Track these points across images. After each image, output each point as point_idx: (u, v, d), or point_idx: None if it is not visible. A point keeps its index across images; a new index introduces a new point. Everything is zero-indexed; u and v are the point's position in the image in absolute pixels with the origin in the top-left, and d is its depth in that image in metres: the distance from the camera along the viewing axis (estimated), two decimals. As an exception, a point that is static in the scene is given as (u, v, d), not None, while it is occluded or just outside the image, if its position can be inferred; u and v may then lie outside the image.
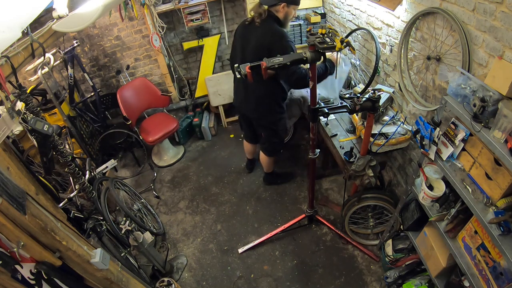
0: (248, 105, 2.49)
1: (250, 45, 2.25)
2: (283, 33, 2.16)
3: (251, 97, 2.41)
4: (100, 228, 1.91)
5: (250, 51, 2.25)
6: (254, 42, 2.22)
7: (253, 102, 2.42)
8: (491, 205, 1.23)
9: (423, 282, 1.93)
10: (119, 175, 3.47)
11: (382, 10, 2.18)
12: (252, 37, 2.24)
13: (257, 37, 2.19)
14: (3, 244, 1.11)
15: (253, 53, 2.20)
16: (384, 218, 2.39)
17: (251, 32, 2.24)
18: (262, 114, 2.47)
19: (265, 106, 2.41)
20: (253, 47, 2.23)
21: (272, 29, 2.17)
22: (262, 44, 2.16)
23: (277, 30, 2.17)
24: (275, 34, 2.15)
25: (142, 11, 3.27)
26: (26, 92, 1.98)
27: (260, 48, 2.16)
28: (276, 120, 2.50)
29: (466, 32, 1.46)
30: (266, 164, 2.94)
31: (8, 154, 1.34)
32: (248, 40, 2.27)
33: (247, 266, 2.48)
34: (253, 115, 2.56)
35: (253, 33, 2.22)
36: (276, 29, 2.17)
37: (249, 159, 3.24)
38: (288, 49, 2.09)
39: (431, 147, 1.47)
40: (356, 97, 1.77)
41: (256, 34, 2.20)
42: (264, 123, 2.55)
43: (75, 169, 1.96)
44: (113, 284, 1.53)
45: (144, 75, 3.94)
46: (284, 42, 2.12)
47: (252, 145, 3.00)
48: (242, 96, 2.48)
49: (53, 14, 1.89)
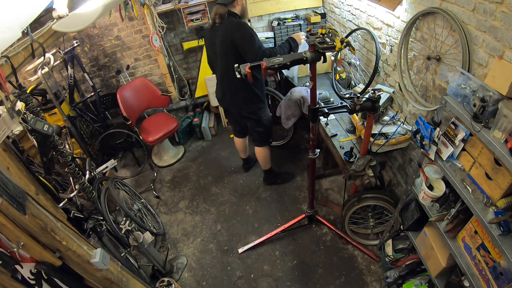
0: (227, 99, 2.61)
1: (217, 44, 2.38)
2: (241, 23, 2.30)
3: (227, 91, 2.55)
4: (100, 228, 1.91)
5: (218, 49, 2.37)
6: (220, 39, 2.34)
7: (230, 95, 2.55)
8: (491, 205, 1.23)
9: (423, 282, 1.93)
10: (119, 175, 3.47)
11: (382, 10, 2.18)
12: (217, 37, 2.37)
13: (221, 34, 2.33)
14: (3, 244, 1.11)
15: (220, 49, 2.35)
16: (384, 218, 2.39)
17: (216, 33, 2.37)
18: (241, 106, 2.57)
19: (242, 98, 2.51)
20: (220, 44, 2.35)
21: (232, 22, 2.30)
22: (225, 38, 2.29)
23: (235, 21, 2.30)
24: (234, 26, 2.28)
25: (142, 11, 3.27)
26: (26, 92, 1.98)
27: (224, 42, 2.30)
28: (256, 110, 2.59)
29: (466, 32, 1.46)
30: (262, 159, 2.96)
31: (8, 154, 1.34)
32: (215, 41, 2.40)
33: (247, 266, 2.48)
34: (234, 109, 2.66)
35: (218, 33, 2.35)
36: (234, 21, 2.30)
37: (243, 158, 3.26)
38: (249, 36, 2.22)
39: (431, 147, 1.47)
40: (356, 97, 1.77)
41: (220, 33, 2.34)
42: (245, 114, 2.62)
43: (75, 169, 1.96)
44: (113, 284, 1.53)
45: (144, 75, 3.94)
46: (244, 30, 2.25)
47: (242, 139, 3.03)
48: (221, 91, 2.60)
49: (53, 14, 1.89)
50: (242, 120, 2.77)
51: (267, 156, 2.93)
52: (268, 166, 3.02)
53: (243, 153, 3.19)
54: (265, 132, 2.77)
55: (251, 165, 3.33)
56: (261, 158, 2.94)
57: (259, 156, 2.94)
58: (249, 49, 2.22)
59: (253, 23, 3.44)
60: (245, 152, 3.18)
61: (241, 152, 3.18)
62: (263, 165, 3.02)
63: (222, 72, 2.47)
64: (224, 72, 2.44)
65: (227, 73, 2.38)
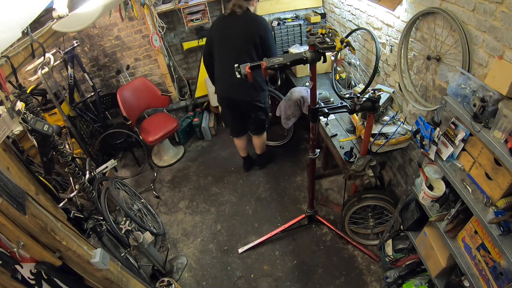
0: (237, 90, 2.60)
1: (235, 33, 2.42)
2: (266, 21, 2.49)
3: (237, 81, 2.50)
4: (100, 228, 1.91)
5: (236, 38, 2.41)
6: (242, 29, 2.40)
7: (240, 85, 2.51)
8: (491, 205, 1.23)
9: (423, 282, 1.93)
10: (119, 175, 3.47)
11: (382, 10, 2.18)
12: (236, 26, 2.42)
13: (244, 25, 2.39)
14: (3, 244, 1.11)
15: (239, 39, 2.40)
16: (384, 218, 2.39)
17: (234, 22, 2.42)
18: (253, 95, 2.64)
19: (253, 86, 2.57)
20: (240, 34, 2.40)
21: (257, 17, 2.46)
22: (249, 30, 2.38)
23: (261, 18, 2.48)
24: (261, 22, 2.45)
25: (142, 11, 3.27)
26: (26, 92, 1.98)
27: (247, 33, 2.39)
28: (265, 96, 2.75)
29: (466, 32, 1.46)
30: (262, 144, 3.11)
31: (8, 154, 1.34)
32: (231, 30, 2.43)
33: (247, 266, 2.48)
34: (246, 98, 2.68)
35: (237, 23, 2.41)
36: (259, 17, 2.47)
37: (244, 157, 3.26)
38: (272, 35, 2.49)
39: (431, 147, 1.47)
40: (356, 97, 1.76)
41: (241, 23, 2.39)
42: (255, 103, 2.69)
43: (75, 169, 1.96)
44: (113, 284, 1.53)
45: (144, 75, 3.94)
46: (269, 29, 2.50)
47: (242, 138, 3.05)
48: (231, 83, 2.58)
49: (53, 14, 1.89)
50: (249, 111, 2.83)
51: (265, 140, 3.14)
52: (265, 149, 3.19)
53: (244, 151, 3.20)
54: (266, 119, 2.92)
55: (251, 164, 3.34)
56: (261, 143, 3.09)
57: (260, 143, 3.07)
58: (272, 46, 2.45)
59: (253, 23, 3.43)
60: (246, 150, 3.19)
61: (242, 150, 3.19)
62: (261, 149, 3.16)
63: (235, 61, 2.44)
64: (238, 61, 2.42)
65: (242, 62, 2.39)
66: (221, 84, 2.68)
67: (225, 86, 2.65)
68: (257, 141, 3.06)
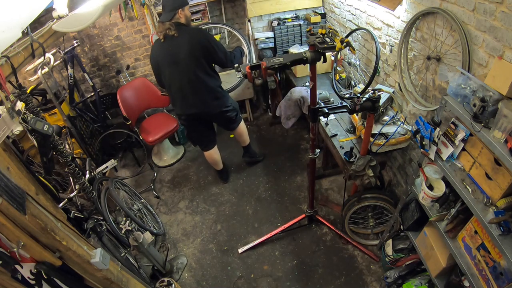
0: (201, 104, 2.58)
1: (179, 55, 2.38)
2: (202, 29, 2.53)
3: (197, 97, 2.55)
4: (100, 228, 1.91)
5: (185, 56, 2.37)
6: (184, 49, 2.35)
7: (202, 99, 2.56)
8: (491, 205, 1.23)
9: (423, 282, 1.94)
10: (119, 175, 3.47)
11: (382, 10, 2.18)
12: (176, 47, 2.37)
13: (183, 44, 2.34)
14: (3, 244, 1.11)
15: (188, 55, 2.36)
16: (384, 218, 2.39)
17: (173, 44, 2.37)
18: (220, 104, 2.67)
19: (213, 97, 2.60)
20: (186, 54, 2.36)
21: (193, 29, 2.44)
22: (193, 43, 2.35)
23: (197, 28, 2.48)
24: (199, 32, 2.44)
25: (142, 11, 3.27)
26: (26, 92, 1.98)
27: (194, 47, 2.35)
28: (227, 98, 2.75)
29: (466, 32, 1.46)
30: (243, 134, 3.08)
31: (8, 154, 1.34)
32: (176, 52, 2.38)
33: (247, 266, 2.48)
34: (214, 111, 2.67)
35: (176, 44, 2.36)
36: (195, 28, 2.45)
37: (219, 170, 3.18)
38: (215, 39, 2.45)
39: (431, 147, 1.47)
40: (356, 97, 1.76)
41: (180, 42, 2.34)
42: (221, 109, 2.70)
43: (75, 169, 1.96)
44: (113, 284, 1.53)
45: (144, 75, 3.94)
46: (209, 34, 2.50)
47: (212, 151, 2.98)
48: (192, 99, 2.55)
49: (53, 14, 1.89)
50: (217, 119, 2.86)
51: (246, 129, 3.09)
52: (248, 140, 3.19)
53: (219, 164, 3.11)
54: (237, 113, 2.89)
55: (228, 173, 3.29)
56: (242, 134, 3.06)
57: (241, 133, 3.05)
58: (220, 50, 2.45)
59: (253, 23, 3.43)
60: (219, 162, 3.10)
61: (217, 163, 3.09)
62: (245, 140, 3.14)
63: (189, 79, 2.44)
64: (191, 78, 2.44)
65: (195, 78, 2.43)
66: (183, 103, 2.59)
67: (188, 103, 2.57)
68: (238, 132, 3.02)
